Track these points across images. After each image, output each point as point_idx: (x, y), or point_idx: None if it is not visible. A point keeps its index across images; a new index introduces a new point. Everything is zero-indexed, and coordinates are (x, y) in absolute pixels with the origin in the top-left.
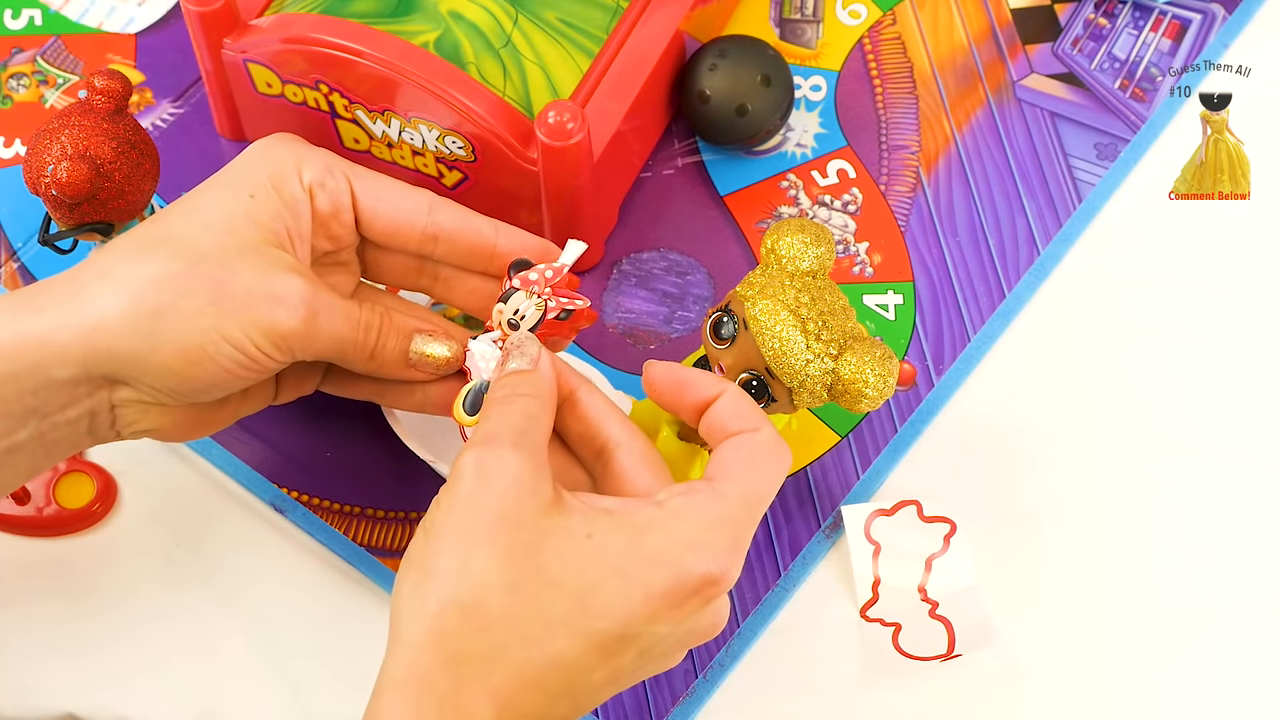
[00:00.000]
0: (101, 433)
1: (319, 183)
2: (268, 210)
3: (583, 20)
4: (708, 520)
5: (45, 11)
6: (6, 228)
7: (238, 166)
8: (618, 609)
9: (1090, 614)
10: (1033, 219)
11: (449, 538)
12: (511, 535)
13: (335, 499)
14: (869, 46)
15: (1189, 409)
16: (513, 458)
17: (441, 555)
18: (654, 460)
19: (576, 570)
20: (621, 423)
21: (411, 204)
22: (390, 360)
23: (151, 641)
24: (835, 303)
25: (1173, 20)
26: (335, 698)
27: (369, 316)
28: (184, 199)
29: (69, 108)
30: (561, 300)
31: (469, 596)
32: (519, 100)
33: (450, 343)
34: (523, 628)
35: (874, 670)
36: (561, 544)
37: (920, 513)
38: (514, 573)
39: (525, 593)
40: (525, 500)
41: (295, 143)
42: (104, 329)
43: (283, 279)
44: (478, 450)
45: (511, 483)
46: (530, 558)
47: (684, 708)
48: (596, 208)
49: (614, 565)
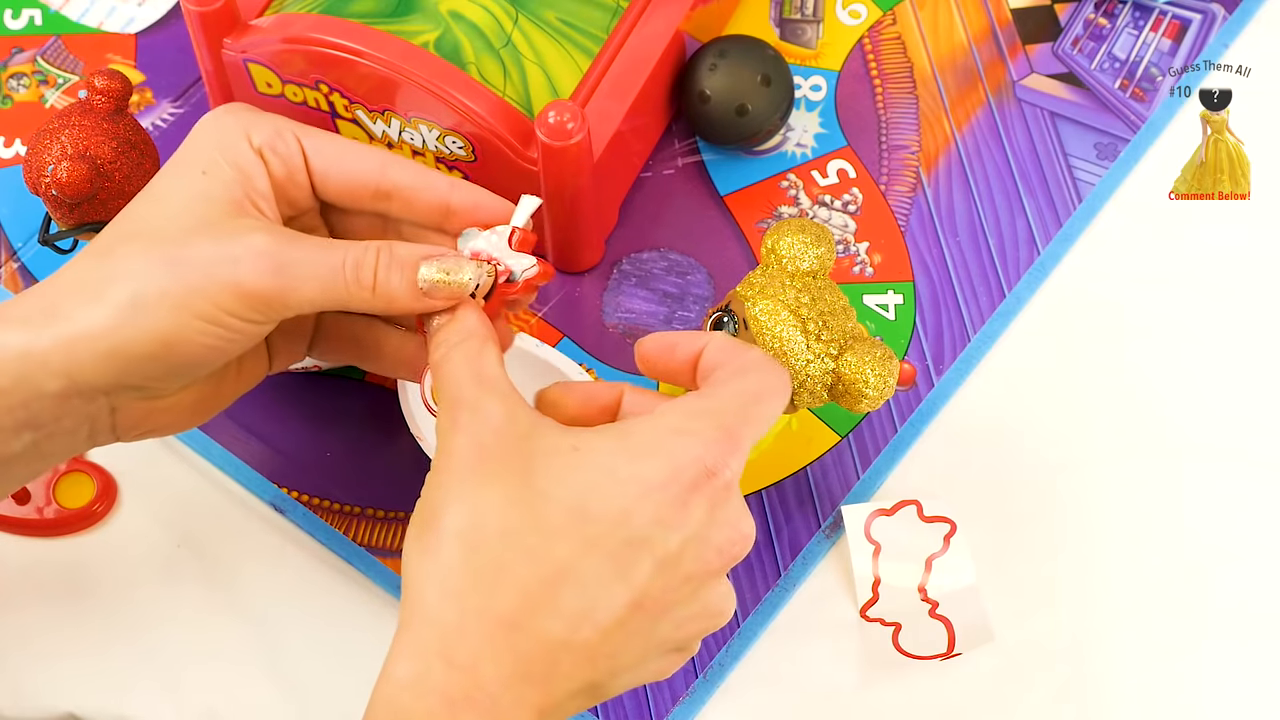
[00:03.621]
0: (102, 438)
1: (270, 146)
2: (220, 182)
3: (583, 20)
4: (693, 410)
5: (45, 11)
6: (6, 228)
7: (187, 146)
8: (616, 508)
9: (1090, 614)
10: (1033, 219)
11: (440, 492)
12: (498, 464)
13: (335, 499)
14: (869, 46)
15: (1189, 409)
16: (478, 402)
17: (435, 505)
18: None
19: (567, 480)
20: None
21: (364, 162)
22: (398, 294)
23: (151, 641)
24: (835, 303)
25: (1173, 20)
26: (335, 698)
27: (360, 255)
28: (144, 191)
29: (69, 108)
30: (511, 263)
31: (467, 526)
32: (519, 100)
33: (463, 262)
34: (523, 541)
35: (874, 670)
36: (548, 460)
37: (920, 513)
38: (505, 494)
39: (519, 509)
40: (502, 431)
41: (242, 110)
42: (81, 335)
43: (240, 240)
44: (444, 412)
45: (483, 421)
46: (519, 478)
47: (684, 708)
48: (596, 208)
49: (604, 466)
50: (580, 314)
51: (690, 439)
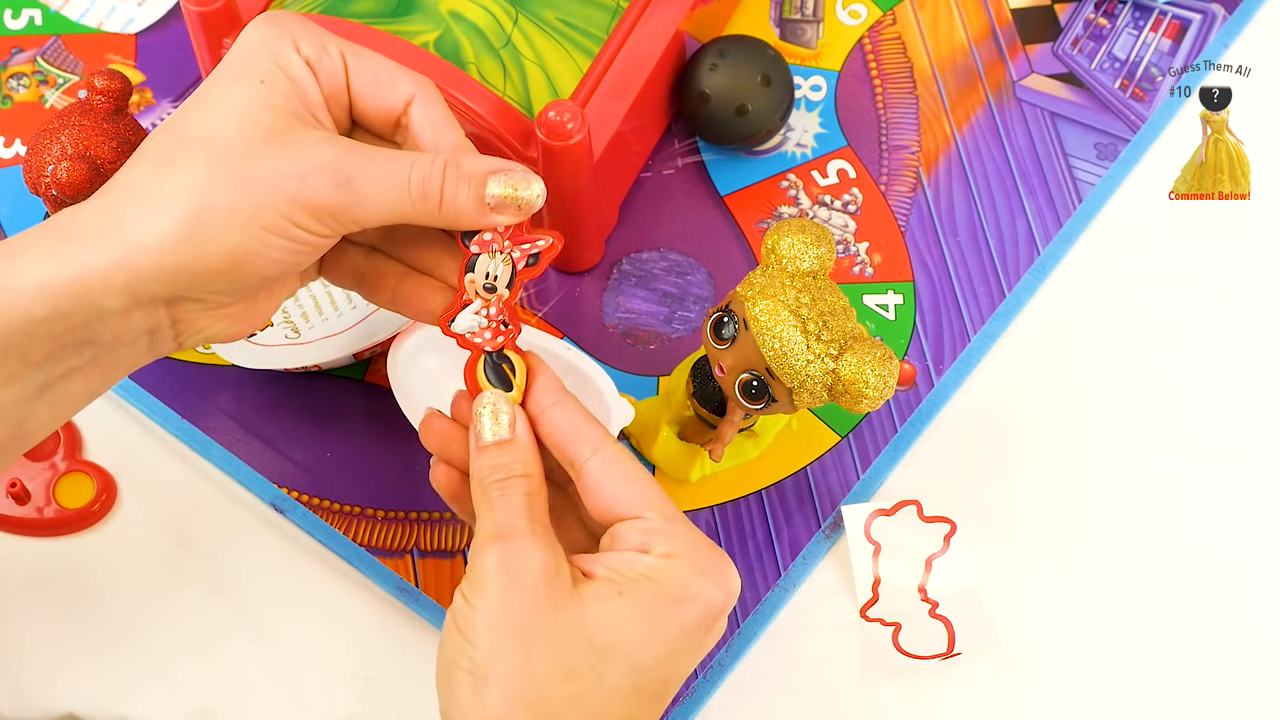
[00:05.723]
0: (162, 347)
1: (315, 60)
2: (280, 92)
3: (583, 20)
4: (699, 548)
5: (45, 11)
6: (6, 228)
7: (238, 53)
8: (663, 655)
9: (1090, 613)
10: (1033, 219)
11: (495, 638)
12: (554, 621)
13: (335, 499)
14: (869, 46)
15: (1189, 408)
16: (533, 547)
17: (494, 659)
18: (625, 467)
19: (623, 631)
20: (590, 434)
21: (397, 92)
22: (465, 209)
23: (151, 641)
24: (836, 303)
25: (1173, 20)
26: (335, 698)
27: (425, 170)
28: (195, 97)
29: (69, 108)
30: (524, 247)
31: (532, 693)
32: (519, 100)
33: (530, 177)
34: (587, 709)
35: (874, 670)
36: (599, 610)
37: (920, 513)
38: (567, 657)
39: (582, 674)
40: (555, 584)
41: (288, 20)
42: (145, 250)
43: (307, 153)
44: (498, 547)
45: (539, 572)
46: (577, 635)
47: (684, 708)
48: (596, 208)
49: (651, 615)
50: (580, 314)
51: (709, 580)
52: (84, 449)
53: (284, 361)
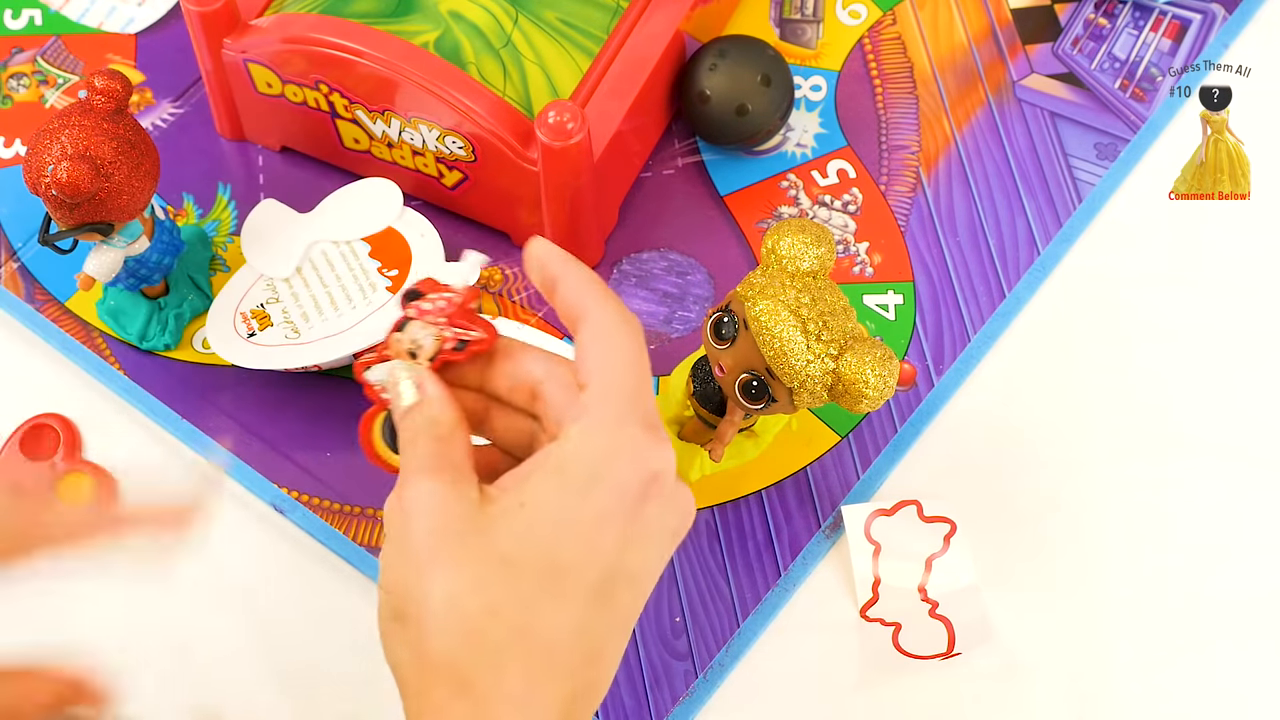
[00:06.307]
0: None
1: None
2: None
3: (583, 20)
4: (607, 420)
5: (45, 11)
6: (6, 228)
7: None
8: (581, 550)
9: (1090, 613)
10: (1033, 219)
11: (402, 575)
12: (456, 543)
13: (335, 499)
14: (869, 46)
15: (1189, 408)
16: (427, 483)
17: (408, 598)
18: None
19: (528, 539)
20: (544, 359)
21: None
22: None
23: (151, 641)
24: (836, 303)
25: (1173, 20)
26: (335, 698)
27: None
28: None
29: (69, 108)
30: (457, 331)
31: (455, 622)
32: (519, 100)
33: None
34: (510, 620)
35: (874, 670)
36: (503, 525)
37: (920, 513)
38: (475, 573)
39: (493, 586)
40: (452, 509)
41: None
42: None
43: None
44: (396, 490)
45: (435, 502)
46: (483, 552)
47: (684, 707)
48: (596, 208)
49: (556, 514)
50: None
51: (622, 456)
52: (84, 449)
53: (284, 361)
